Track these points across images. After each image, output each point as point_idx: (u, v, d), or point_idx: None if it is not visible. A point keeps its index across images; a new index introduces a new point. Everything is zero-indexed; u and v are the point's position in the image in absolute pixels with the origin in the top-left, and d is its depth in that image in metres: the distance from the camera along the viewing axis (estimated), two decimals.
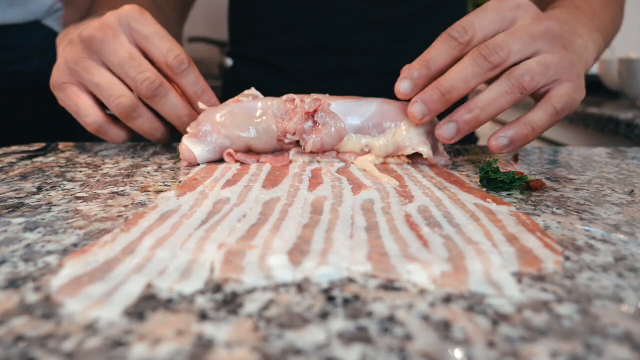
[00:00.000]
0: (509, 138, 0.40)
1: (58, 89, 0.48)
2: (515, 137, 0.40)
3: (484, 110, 0.40)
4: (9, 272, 0.22)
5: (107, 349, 0.16)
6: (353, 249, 0.24)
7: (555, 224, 0.29)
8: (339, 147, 0.46)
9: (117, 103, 0.45)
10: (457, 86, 0.40)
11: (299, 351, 0.16)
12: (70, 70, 0.47)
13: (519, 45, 0.40)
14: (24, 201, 0.33)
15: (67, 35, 0.51)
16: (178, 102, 0.47)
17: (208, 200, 0.33)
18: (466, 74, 0.40)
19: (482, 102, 0.40)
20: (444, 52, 0.41)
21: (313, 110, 0.44)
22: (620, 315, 0.19)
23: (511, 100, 0.40)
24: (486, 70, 0.40)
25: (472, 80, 0.40)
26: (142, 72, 0.45)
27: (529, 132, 0.40)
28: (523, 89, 0.39)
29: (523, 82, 0.39)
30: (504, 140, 0.40)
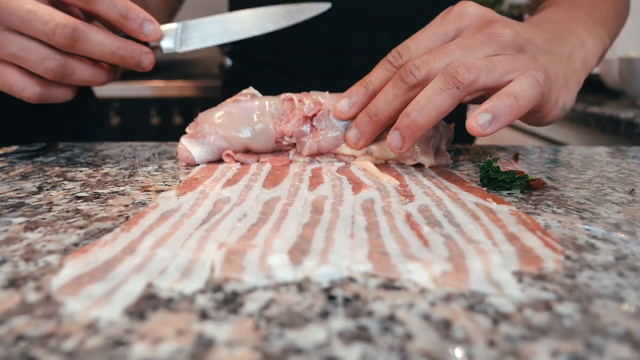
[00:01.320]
0: (492, 113, 0.35)
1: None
2: (498, 111, 0.35)
3: (421, 112, 0.37)
4: (10, 271, 0.22)
5: (107, 349, 0.16)
6: (353, 248, 0.24)
7: (555, 223, 0.29)
8: (337, 151, 0.46)
9: (44, 68, 0.41)
10: (381, 108, 0.41)
11: (299, 350, 0.16)
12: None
13: (444, 61, 0.38)
14: (24, 201, 0.33)
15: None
16: (103, 39, 0.42)
17: (208, 199, 0.33)
18: (387, 96, 0.41)
19: (417, 105, 0.37)
20: (381, 75, 0.43)
21: (312, 115, 0.44)
22: (621, 315, 0.19)
23: (448, 98, 0.36)
24: (405, 91, 0.39)
25: (394, 101, 0.40)
26: (49, 21, 0.39)
27: (512, 102, 0.35)
28: (458, 82, 0.36)
29: (457, 75, 0.36)
30: (487, 117, 0.35)
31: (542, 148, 0.59)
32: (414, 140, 0.39)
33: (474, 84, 0.36)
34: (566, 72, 0.44)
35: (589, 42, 0.48)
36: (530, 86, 0.36)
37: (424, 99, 0.37)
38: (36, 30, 0.40)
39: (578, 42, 0.47)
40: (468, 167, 0.45)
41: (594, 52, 0.48)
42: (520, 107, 0.36)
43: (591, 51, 0.48)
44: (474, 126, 0.35)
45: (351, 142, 0.44)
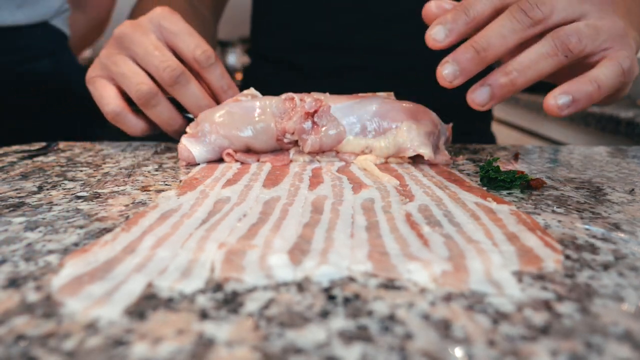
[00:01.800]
0: (572, 96, 0.35)
1: (89, 83, 0.50)
2: (579, 96, 0.35)
3: (522, 73, 0.35)
4: (10, 271, 0.22)
5: (108, 348, 0.16)
6: (353, 248, 0.24)
7: (555, 223, 0.29)
8: (339, 148, 0.46)
9: (136, 89, 0.47)
10: (493, 43, 0.36)
11: (299, 350, 0.16)
12: (101, 65, 0.49)
13: (564, 3, 0.36)
14: (24, 201, 0.33)
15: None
16: (199, 92, 0.48)
17: (209, 199, 0.33)
18: (503, 30, 0.36)
19: (520, 65, 0.36)
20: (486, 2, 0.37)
21: (313, 111, 0.44)
22: (620, 314, 0.19)
23: (553, 64, 0.35)
24: (526, 27, 0.36)
25: (510, 37, 0.36)
26: (165, 61, 0.46)
27: (594, 89, 0.35)
28: (568, 51, 0.35)
29: (569, 44, 0.35)
30: (566, 99, 0.35)
31: (542, 148, 0.59)
32: (501, 101, 0.37)
33: (581, 53, 0.36)
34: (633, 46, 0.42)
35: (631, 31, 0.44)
36: (615, 75, 0.36)
37: (527, 60, 0.36)
38: (151, 63, 0.47)
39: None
40: (468, 167, 0.45)
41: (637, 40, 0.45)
42: (601, 94, 0.36)
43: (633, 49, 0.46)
44: (552, 105, 0.35)
45: (446, 79, 0.37)
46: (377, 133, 0.45)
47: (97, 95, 0.50)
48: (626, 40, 0.38)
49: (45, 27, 0.73)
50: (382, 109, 0.45)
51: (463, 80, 0.38)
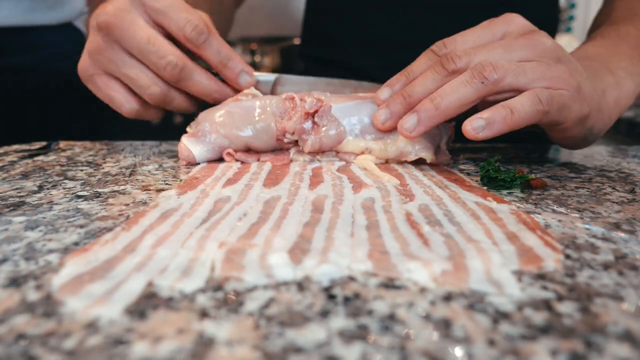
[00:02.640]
0: (486, 119, 0.38)
1: (88, 81, 0.48)
2: (492, 119, 0.38)
3: (444, 98, 0.39)
4: (10, 270, 0.22)
5: (108, 347, 0.16)
6: (354, 247, 0.24)
7: (555, 223, 0.29)
8: (339, 148, 0.46)
9: (149, 94, 0.46)
10: (417, 90, 0.42)
11: (299, 349, 0.16)
12: (94, 61, 0.47)
13: (484, 55, 0.40)
14: (25, 200, 0.33)
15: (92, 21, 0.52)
16: (205, 80, 0.47)
17: (209, 199, 0.33)
18: (425, 80, 0.41)
19: (442, 91, 0.40)
20: (423, 64, 0.44)
21: (314, 111, 0.44)
22: (620, 314, 0.19)
23: (472, 90, 0.38)
24: (443, 77, 0.41)
25: (431, 85, 0.41)
26: (163, 57, 0.44)
27: (507, 114, 0.38)
28: (483, 78, 0.38)
29: (483, 72, 0.38)
30: (480, 122, 0.38)
31: (542, 147, 0.59)
32: (427, 128, 0.41)
33: (498, 82, 0.38)
34: (600, 100, 0.44)
35: (625, 81, 0.47)
36: (530, 103, 0.38)
37: (449, 87, 0.39)
38: (150, 61, 0.45)
39: (613, 80, 0.46)
40: (468, 166, 0.45)
41: (630, 91, 0.48)
42: (514, 120, 0.38)
43: (627, 91, 0.47)
44: (468, 129, 0.38)
45: (379, 121, 0.44)
46: (377, 135, 0.45)
47: (104, 97, 0.48)
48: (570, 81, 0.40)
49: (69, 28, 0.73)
50: None
51: (393, 124, 0.43)
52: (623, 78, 0.47)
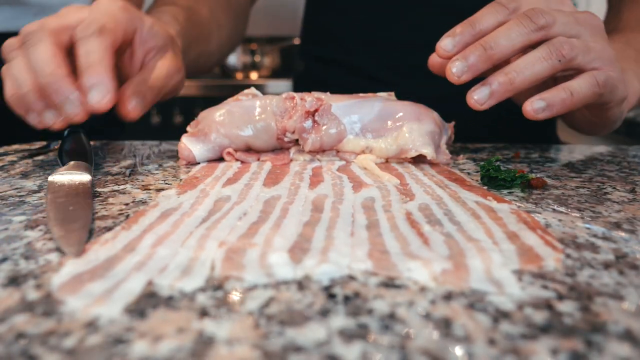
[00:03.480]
0: (547, 101, 0.38)
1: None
2: (552, 101, 0.38)
3: (520, 73, 0.38)
4: (10, 269, 0.22)
5: (108, 346, 0.16)
6: (354, 246, 0.24)
7: (556, 222, 0.29)
8: (339, 147, 0.45)
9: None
10: (500, 43, 0.39)
11: (299, 348, 0.16)
12: None
13: (564, 18, 0.40)
14: (25, 199, 0.33)
15: None
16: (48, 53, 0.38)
17: (209, 198, 0.33)
18: (511, 33, 0.39)
19: (517, 66, 0.39)
20: (491, 16, 0.41)
21: (314, 110, 0.44)
22: (621, 313, 0.19)
23: (548, 67, 0.38)
24: (531, 31, 0.39)
25: (517, 39, 0.39)
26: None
27: (567, 96, 0.39)
28: (562, 56, 0.38)
29: (562, 50, 0.38)
30: (541, 104, 0.38)
31: (542, 147, 0.59)
32: (498, 101, 0.39)
33: (572, 61, 0.39)
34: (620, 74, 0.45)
35: (632, 80, 0.49)
36: (588, 85, 0.39)
37: (525, 62, 0.39)
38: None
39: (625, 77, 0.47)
40: (469, 166, 0.45)
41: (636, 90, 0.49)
42: (574, 102, 0.39)
43: (634, 89, 0.49)
44: (528, 110, 0.38)
45: (454, 74, 0.40)
46: (378, 133, 0.45)
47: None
48: (615, 65, 0.41)
49: None
50: (383, 109, 0.45)
51: (470, 77, 0.40)
52: (631, 77, 0.49)
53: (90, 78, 0.38)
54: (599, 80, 0.39)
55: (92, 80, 0.38)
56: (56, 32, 0.39)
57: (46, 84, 0.37)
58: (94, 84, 0.38)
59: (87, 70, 0.38)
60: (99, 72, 0.38)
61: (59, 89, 0.37)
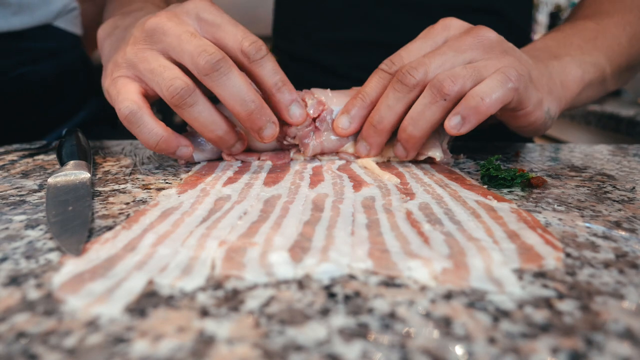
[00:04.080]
0: (461, 114, 0.38)
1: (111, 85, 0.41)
2: (466, 112, 0.38)
3: (416, 125, 0.40)
4: (11, 269, 0.22)
5: (108, 346, 0.16)
6: (354, 245, 0.24)
7: (556, 221, 0.29)
8: (340, 151, 0.46)
9: (169, 85, 0.38)
10: (385, 115, 0.41)
11: (300, 347, 0.16)
12: (128, 64, 0.41)
13: (438, 61, 0.40)
14: (25, 199, 0.33)
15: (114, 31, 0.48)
16: (243, 84, 0.38)
17: (209, 197, 0.33)
18: (388, 102, 0.41)
19: (411, 119, 0.40)
20: (375, 84, 0.43)
21: (316, 116, 0.44)
22: (621, 312, 0.19)
23: (438, 110, 0.39)
24: (405, 93, 0.40)
25: (396, 106, 0.41)
26: (201, 46, 0.38)
27: (478, 102, 0.37)
28: (445, 94, 0.38)
29: (442, 88, 0.38)
30: (457, 119, 0.38)
31: (542, 146, 0.59)
32: (417, 149, 0.42)
33: (460, 93, 0.38)
34: (549, 82, 0.45)
35: (571, 66, 0.49)
36: (498, 83, 0.38)
37: (415, 113, 0.40)
38: (185, 50, 0.38)
39: (559, 65, 0.48)
40: (469, 165, 0.45)
41: (577, 76, 0.49)
42: (487, 105, 0.37)
43: (573, 75, 0.49)
44: (448, 129, 0.38)
45: (362, 154, 0.44)
46: None
47: (114, 95, 0.40)
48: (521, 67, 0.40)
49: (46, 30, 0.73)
50: None
51: (377, 151, 0.44)
52: (568, 63, 0.49)
53: (288, 95, 0.41)
54: (509, 75, 0.38)
55: (290, 97, 0.42)
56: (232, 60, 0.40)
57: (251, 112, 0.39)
58: (292, 100, 0.42)
59: (282, 88, 0.41)
60: (292, 89, 0.42)
61: (264, 114, 0.40)
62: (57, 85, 0.73)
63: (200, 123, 0.39)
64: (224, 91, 0.38)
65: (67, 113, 0.75)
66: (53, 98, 0.73)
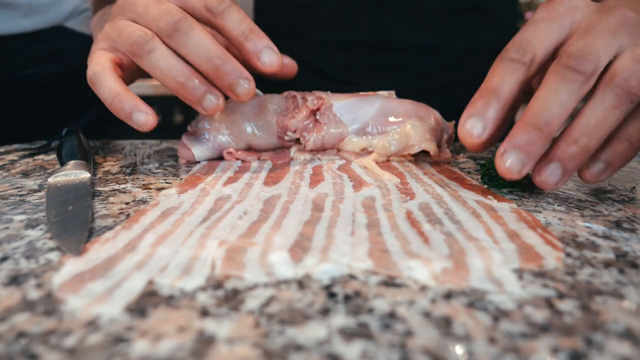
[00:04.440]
0: (605, 161, 0.32)
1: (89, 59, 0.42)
2: (612, 158, 0.32)
3: (593, 136, 0.31)
4: (11, 269, 0.22)
5: (108, 345, 0.16)
6: (354, 245, 0.24)
7: (556, 221, 0.29)
8: (340, 146, 0.46)
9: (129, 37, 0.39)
10: (554, 114, 0.31)
11: (300, 347, 0.16)
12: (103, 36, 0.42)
13: (603, 44, 0.32)
14: (25, 198, 0.33)
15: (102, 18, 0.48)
16: (206, 40, 0.37)
17: (209, 197, 0.33)
18: (560, 97, 0.31)
19: (587, 128, 0.31)
20: (509, 77, 0.33)
21: (316, 109, 0.44)
22: (621, 312, 0.19)
23: (621, 114, 0.31)
24: (582, 84, 0.31)
25: (570, 101, 0.31)
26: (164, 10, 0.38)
27: (626, 148, 0.32)
28: (634, 96, 0.30)
29: (632, 88, 0.30)
30: (599, 166, 0.32)
31: None
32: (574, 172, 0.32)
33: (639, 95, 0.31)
34: None
35: None
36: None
37: (594, 119, 0.31)
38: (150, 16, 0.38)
39: None
40: (469, 165, 0.45)
41: None
42: (634, 150, 0.33)
43: None
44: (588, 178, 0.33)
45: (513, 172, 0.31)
46: (379, 132, 0.45)
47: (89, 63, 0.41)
48: None
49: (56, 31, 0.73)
50: (384, 107, 0.45)
51: (531, 167, 0.32)
52: None
53: (257, 43, 0.39)
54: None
55: (259, 44, 0.39)
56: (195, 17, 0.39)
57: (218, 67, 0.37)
58: (263, 47, 0.39)
59: (250, 36, 0.39)
60: (262, 36, 0.39)
61: (232, 69, 0.38)
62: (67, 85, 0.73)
63: (161, 71, 0.38)
64: (188, 50, 0.38)
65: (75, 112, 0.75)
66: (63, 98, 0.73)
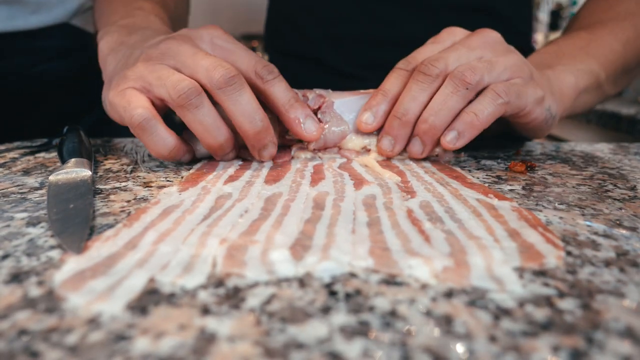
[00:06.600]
0: (457, 129, 0.41)
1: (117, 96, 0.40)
2: (462, 128, 0.41)
3: (437, 115, 0.41)
4: (12, 266, 0.22)
5: (110, 343, 0.16)
6: (355, 244, 0.24)
7: (557, 220, 0.29)
8: (342, 144, 0.46)
9: (175, 85, 0.38)
10: (409, 107, 0.42)
11: (301, 345, 0.16)
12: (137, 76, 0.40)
13: (455, 55, 0.42)
14: (26, 196, 0.33)
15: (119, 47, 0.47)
16: (254, 102, 0.39)
17: (210, 195, 0.33)
18: (412, 93, 0.42)
19: (432, 109, 0.41)
20: (396, 81, 0.44)
21: (317, 108, 0.44)
22: (622, 310, 0.19)
23: (460, 98, 0.41)
24: (429, 83, 0.42)
25: (420, 96, 0.42)
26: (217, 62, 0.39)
27: (472, 118, 0.41)
28: (467, 84, 0.40)
29: (465, 78, 0.40)
30: (453, 134, 0.41)
31: (543, 144, 0.59)
32: (434, 144, 0.43)
33: (480, 83, 0.41)
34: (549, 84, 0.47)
35: (564, 75, 0.50)
36: (490, 100, 0.41)
37: (437, 103, 0.41)
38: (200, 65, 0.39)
39: (553, 74, 0.50)
40: (470, 164, 0.45)
41: (571, 84, 0.51)
42: (482, 121, 0.41)
43: (567, 83, 0.50)
44: (444, 143, 0.42)
45: (386, 150, 0.44)
46: (380, 130, 0.45)
47: (124, 104, 0.39)
48: (524, 68, 0.43)
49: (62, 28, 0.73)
50: None
51: (401, 147, 0.44)
52: (561, 72, 0.50)
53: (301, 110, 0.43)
54: (498, 92, 0.41)
55: (304, 112, 0.43)
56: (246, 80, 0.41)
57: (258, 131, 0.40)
58: (306, 115, 0.43)
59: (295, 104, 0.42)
60: (304, 105, 0.43)
61: (267, 134, 0.41)
62: (72, 83, 0.73)
63: (204, 127, 0.39)
64: (235, 107, 0.39)
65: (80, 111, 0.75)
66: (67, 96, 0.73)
